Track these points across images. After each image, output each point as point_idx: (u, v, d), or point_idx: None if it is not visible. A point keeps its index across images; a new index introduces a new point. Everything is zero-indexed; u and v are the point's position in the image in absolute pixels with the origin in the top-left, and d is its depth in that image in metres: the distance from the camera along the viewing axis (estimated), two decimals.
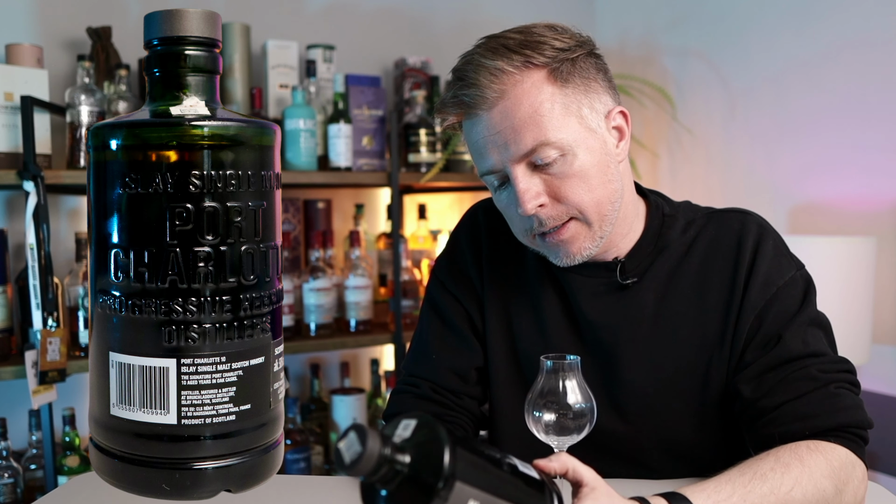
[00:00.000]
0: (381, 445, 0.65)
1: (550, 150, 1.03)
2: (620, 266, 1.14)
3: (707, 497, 0.88)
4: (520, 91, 1.03)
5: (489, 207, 1.27)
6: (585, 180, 1.05)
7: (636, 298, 1.14)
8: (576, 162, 1.04)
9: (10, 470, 1.93)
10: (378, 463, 0.65)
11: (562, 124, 1.03)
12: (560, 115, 1.04)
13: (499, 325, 1.21)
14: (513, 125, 1.03)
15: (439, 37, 2.75)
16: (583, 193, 1.05)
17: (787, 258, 1.13)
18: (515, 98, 1.03)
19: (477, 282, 1.23)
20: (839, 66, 2.18)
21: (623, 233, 1.14)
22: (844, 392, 1.04)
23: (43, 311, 1.88)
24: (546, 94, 1.03)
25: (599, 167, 1.06)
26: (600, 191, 1.06)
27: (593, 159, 1.06)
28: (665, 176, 2.73)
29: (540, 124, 1.02)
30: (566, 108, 1.04)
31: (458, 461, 0.67)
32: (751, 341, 1.09)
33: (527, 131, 1.03)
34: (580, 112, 1.05)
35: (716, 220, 1.16)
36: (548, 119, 1.03)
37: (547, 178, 1.05)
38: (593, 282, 1.15)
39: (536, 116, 1.03)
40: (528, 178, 1.04)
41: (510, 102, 1.03)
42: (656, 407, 1.13)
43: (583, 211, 1.06)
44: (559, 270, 1.17)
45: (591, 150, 1.06)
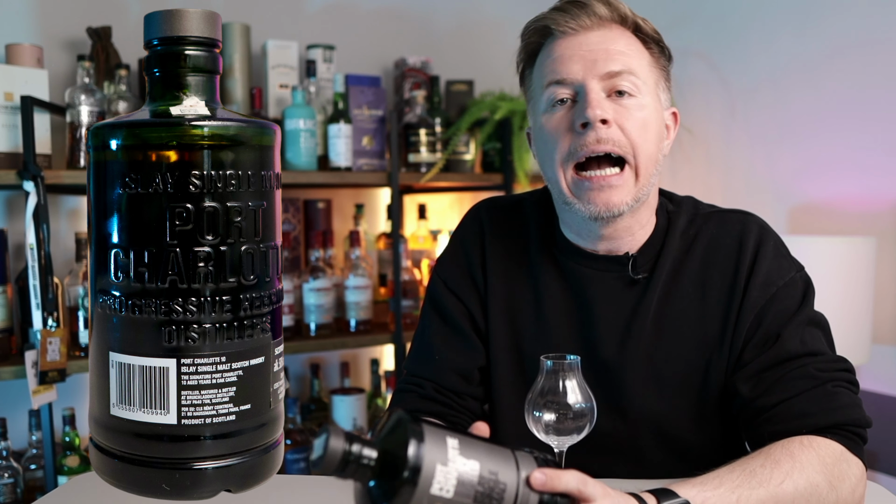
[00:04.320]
0: (346, 444, 0.68)
1: (633, 82, 1.08)
2: (633, 261, 1.14)
3: (696, 492, 0.89)
4: (622, 33, 1.11)
5: (491, 206, 1.27)
6: (647, 129, 1.09)
7: (643, 296, 1.14)
8: (645, 109, 1.09)
9: (10, 470, 1.93)
10: (343, 461, 0.68)
11: (646, 75, 1.10)
12: (647, 69, 1.11)
13: (502, 325, 1.21)
14: (607, 49, 1.08)
15: (439, 37, 2.74)
16: (642, 138, 1.08)
17: (787, 259, 1.14)
18: (618, 33, 1.10)
19: (480, 281, 1.23)
20: (839, 66, 2.18)
21: (642, 222, 1.15)
22: (842, 390, 1.04)
23: (43, 311, 1.88)
24: (639, 50, 1.11)
25: (658, 130, 1.11)
26: (653, 147, 1.10)
27: (657, 120, 1.11)
28: (665, 176, 2.73)
29: (631, 59, 1.09)
30: (651, 70, 1.12)
31: (425, 449, 0.69)
32: (750, 340, 1.09)
33: (619, 57, 1.08)
34: (658, 81, 1.13)
35: (717, 219, 1.17)
36: (637, 62, 1.09)
37: (617, 107, 1.07)
38: (606, 276, 1.15)
39: (629, 54, 1.09)
40: (602, 96, 1.07)
41: (612, 33, 1.10)
42: (656, 405, 1.13)
43: (636, 152, 1.07)
44: (568, 262, 1.17)
45: (657, 112, 1.11)
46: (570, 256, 1.17)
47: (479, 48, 2.78)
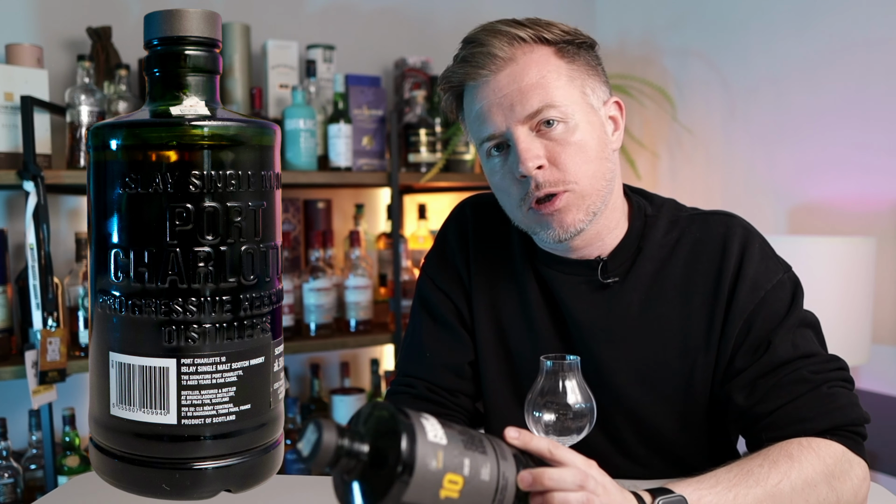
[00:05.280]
0: (338, 437, 0.67)
1: (555, 113, 1.06)
2: (602, 265, 1.14)
3: (693, 490, 0.89)
4: (529, 59, 1.07)
5: (477, 203, 1.27)
6: (584, 151, 1.07)
7: (619, 299, 1.13)
8: (577, 132, 1.07)
9: (10, 470, 1.93)
10: (336, 454, 0.67)
11: (567, 93, 1.07)
12: (565, 85, 1.07)
13: (487, 320, 1.21)
14: (520, 88, 1.06)
15: (439, 37, 2.74)
16: (580, 163, 1.07)
17: (773, 261, 1.13)
18: (525, 64, 1.07)
19: (465, 276, 1.23)
20: (839, 66, 2.18)
21: (610, 227, 1.14)
22: (838, 391, 1.04)
23: (43, 311, 1.88)
24: (553, 65, 1.07)
25: (598, 143, 1.09)
26: (596, 165, 1.08)
27: (593, 134, 1.08)
28: (665, 176, 2.73)
29: (547, 89, 1.06)
30: (571, 80, 1.08)
31: (417, 444, 0.69)
32: (740, 346, 1.08)
33: (533, 94, 1.06)
34: (583, 88, 1.09)
35: (699, 222, 1.16)
36: (554, 86, 1.06)
37: (548, 143, 1.06)
38: (574, 279, 1.15)
39: (543, 82, 1.06)
40: (529, 140, 1.06)
41: (519, 67, 1.07)
42: (639, 408, 1.13)
43: (578, 181, 1.06)
44: (542, 267, 1.17)
45: (591, 125, 1.08)
46: (545, 261, 1.18)
47: None
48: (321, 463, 0.67)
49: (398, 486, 0.68)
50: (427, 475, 0.69)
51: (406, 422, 0.70)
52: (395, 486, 0.68)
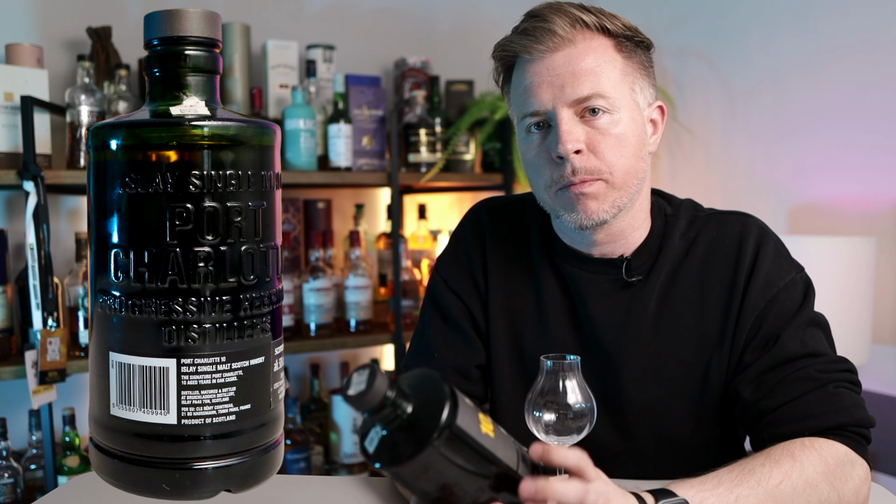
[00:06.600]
0: (388, 387, 0.69)
1: (603, 102, 1.06)
2: (627, 264, 1.14)
3: (695, 492, 0.89)
4: (588, 45, 1.08)
5: (492, 206, 1.28)
6: (623, 145, 1.08)
7: (640, 298, 1.14)
8: (619, 125, 1.08)
9: (10, 470, 1.93)
10: (381, 403, 0.69)
11: (618, 86, 1.08)
12: (618, 79, 1.09)
13: (503, 324, 1.21)
14: (574, 71, 1.07)
15: (439, 37, 2.74)
16: (618, 156, 1.07)
17: (787, 260, 1.14)
18: (584, 49, 1.08)
19: (480, 280, 1.23)
20: (839, 66, 2.18)
21: (635, 226, 1.15)
22: (844, 391, 1.04)
23: (43, 311, 1.88)
24: (609, 57, 1.09)
25: (637, 140, 1.10)
26: (632, 161, 1.09)
27: (634, 131, 1.09)
28: (665, 176, 2.73)
29: (600, 77, 1.07)
30: (624, 75, 1.09)
31: (457, 417, 0.70)
32: (750, 342, 1.09)
33: (586, 79, 1.06)
34: (633, 85, 1.10)
35: (716, 221, 1.17)
36: (607, 77, 1.07)
37: (590, 130, 1.07)
38: (598, 277, 1.15)
39: (598, 70, 1.07)
40: (573, 123, 1.07)
41: (577, 51, 1.07)
42: (655, 407, 1.13)
43: (613, 172, 1.07)
44: (563, 265, 1.18)
45: (634, 122, 1.10)
46: (566, 259, 1.18)
47: (479, 48, 2.76)
48: (365, 406, 0.69)
49: (429, 450, 0.69)
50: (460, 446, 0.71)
51: (451, 393, 0.72)
52: (427, 449, 0.69)
